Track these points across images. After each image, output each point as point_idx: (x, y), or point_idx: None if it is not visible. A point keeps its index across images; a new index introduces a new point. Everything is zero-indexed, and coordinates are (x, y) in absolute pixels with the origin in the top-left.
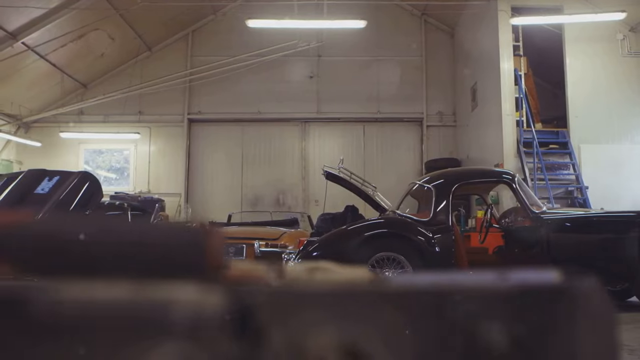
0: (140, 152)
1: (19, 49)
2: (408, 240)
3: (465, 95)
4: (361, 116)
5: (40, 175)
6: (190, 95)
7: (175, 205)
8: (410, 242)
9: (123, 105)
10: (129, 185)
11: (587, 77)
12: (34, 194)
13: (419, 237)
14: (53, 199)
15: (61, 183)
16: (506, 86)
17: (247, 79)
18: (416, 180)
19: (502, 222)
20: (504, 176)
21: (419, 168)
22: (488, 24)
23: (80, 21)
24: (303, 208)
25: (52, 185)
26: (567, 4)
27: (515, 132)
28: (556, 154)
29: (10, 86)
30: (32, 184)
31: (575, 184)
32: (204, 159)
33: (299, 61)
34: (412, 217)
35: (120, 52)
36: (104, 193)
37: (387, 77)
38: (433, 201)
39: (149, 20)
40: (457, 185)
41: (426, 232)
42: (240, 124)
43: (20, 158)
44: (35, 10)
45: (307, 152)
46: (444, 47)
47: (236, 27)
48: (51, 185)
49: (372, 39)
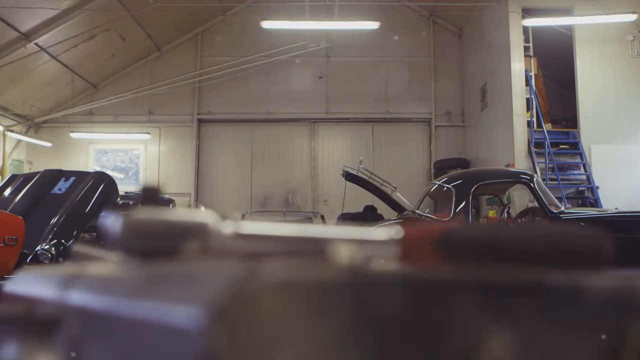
0: (150, 152)
1: (32, 49)
2: None
3: (474, 96)
4: (370, 116)
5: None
6: (199, 95)
7: (185, 205)
8: None
9: (133, 105)
10: (138, 185)
11: (597, 78)
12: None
13: None
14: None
15: (77, 184)
16: (517, 86)
17: (257, 79)
18: (435, 181)
19: (518, 222)
20: (522, 176)
21: (428, 168)
22: (498, 24)
23: (92, 22)
24: (312, 208)
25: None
26: (577, 6)
27: (526, 132)
28: (567, 154)
29: (22, 86)
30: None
31: (586, 184)
32: (213, 159)
33: (308, 62)
34: (432, 217)
35: (130, 52)
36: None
37: (395, 78)
38: (453, 201)
39: (159, 20)
40: (476, 185)
41: None
42: (250, 124)
43: (31, 158)
44: (48, 11)
45: (316, 152)
46: (452, 48)
47: (245, 27)
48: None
49: (380, 39)
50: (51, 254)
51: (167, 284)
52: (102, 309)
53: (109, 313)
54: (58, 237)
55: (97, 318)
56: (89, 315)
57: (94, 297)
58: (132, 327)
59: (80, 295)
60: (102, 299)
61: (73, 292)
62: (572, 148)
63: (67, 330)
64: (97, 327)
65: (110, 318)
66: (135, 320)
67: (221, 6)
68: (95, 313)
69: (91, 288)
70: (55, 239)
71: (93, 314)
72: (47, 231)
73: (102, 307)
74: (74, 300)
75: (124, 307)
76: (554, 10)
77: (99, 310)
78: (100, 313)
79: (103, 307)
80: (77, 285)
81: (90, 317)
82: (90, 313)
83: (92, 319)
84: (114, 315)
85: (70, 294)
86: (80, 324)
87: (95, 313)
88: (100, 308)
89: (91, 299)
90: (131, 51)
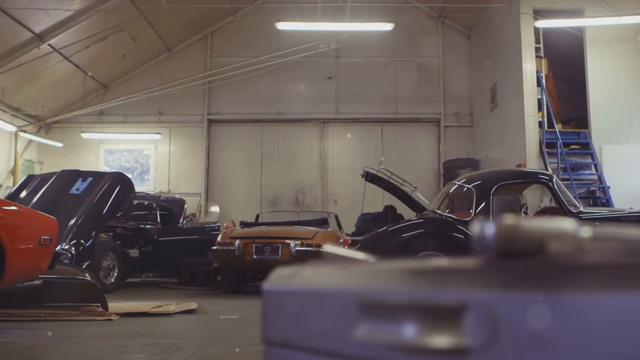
0: (161, 152)
1: (44, 50)
2: (451, 239)
3: (484, 96)
4: (379, 116)
5: (74, 176)
6: (209, 95)
7: (196, 205)
8: (453, 241)
9: (143, 105)
10: (149, 185)
11: (608, 79)
12: (69, 194)
13: (462, 237)
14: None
15: (95, 184)
16: (529, 87)
17: (266, 79)
18: (455, 181)
19: None
20: (541, 177)
21: (437, 168)
22: (509, 26)
23: (104, 23)
24: (322, 207)
25: (86, 186)
26: (588, 7)
27: (537, 132)
28: (578, 155)
29: (34, 87)
30: (66, 185)
31: (597, 184)
32: (223, 159)
33: (317, 62)
34: (453, 217)
35: (141, 53)
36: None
37: (404, 78)
38: (474, 201)
39: (170, 21)
40: (497, 186)
41: (468, 231)
42: (260, 124)
43: (41, 158)
44: (62, 12)
45: (326, 152)
46: (461, 48)
47: (255, 28)
48: (85, 186)
49: (389, 40)
50: (71, 253)
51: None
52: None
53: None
54: (77, 238)
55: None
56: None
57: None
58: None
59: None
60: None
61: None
62: (583, 148)
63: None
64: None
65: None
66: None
67: (231, 7)
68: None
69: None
70: (75, 239)
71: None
72: (67, 231)
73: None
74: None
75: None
76: (564, 11)
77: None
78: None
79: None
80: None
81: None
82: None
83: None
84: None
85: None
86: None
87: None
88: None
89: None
90: (142, 52)
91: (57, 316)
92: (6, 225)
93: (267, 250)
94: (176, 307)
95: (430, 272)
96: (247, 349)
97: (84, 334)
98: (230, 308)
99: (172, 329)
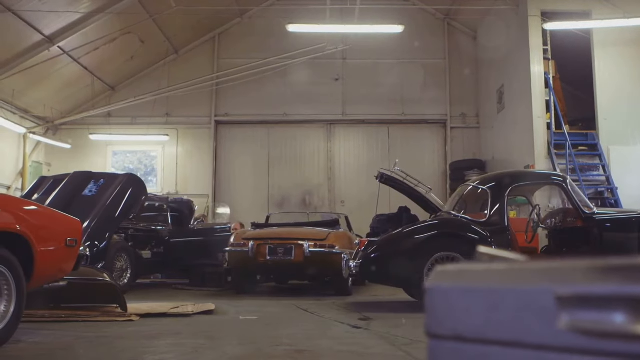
0: (168, 153)
1: (54, 52)
2: (467, 240)
3: (490, 97)
4: (386, 118)
5: (86, 177)
6: (217, 97)
7: (204, 206)
8: (469, 242)
9: (151, 107)
10: (155, 187)
11: (615, 80)
12: (82, 196)
13: (477, 237)
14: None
15: (108, 186)
16: (537, 89)
17: (273, 81)
18: (470, 182)
19: (547, 222)
20: (554, 178)
21: (444, 169)
22: (516, 28)
23: (113, 25)
24: (329, 209)
25: (99, 188)
26: (595, 9)
27: (545, 134)
28: (586, 156)
29: (43, 89)
30: (79, 186)
31: (605, 185)
32: (230, 160)
33: (324, 64)
34: (468, 218)
35: (148, 55)
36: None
37: (411, 79)
38: (489, 202)
39: (178, 23)
40: (512, 187)
41: (483, 232)
42: (267, 125)
43: (49, 160)
44: (72, 15)
45: (333, 153)
46: (467, 50)
47: (262, 30)
48: (98, 188)
49: (396, 42)
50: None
51: None
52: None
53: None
54: (92, 239)
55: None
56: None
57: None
58: None
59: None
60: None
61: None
62: (591, 149)
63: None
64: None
65: None
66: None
67: (239, 9)
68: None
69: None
70: (89, 241)
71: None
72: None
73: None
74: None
75: None
76: (572, 13)
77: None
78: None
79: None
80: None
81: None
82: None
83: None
84: None
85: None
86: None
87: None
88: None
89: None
90: (149, 54)
91: (78, 317)
92: (34, 227)
93: (281, 252)
94: (194, 307)
95: (623, 269)
96: (275, 349)
97: (109, 335)
98: (247, 309)
99: (196, 329)
